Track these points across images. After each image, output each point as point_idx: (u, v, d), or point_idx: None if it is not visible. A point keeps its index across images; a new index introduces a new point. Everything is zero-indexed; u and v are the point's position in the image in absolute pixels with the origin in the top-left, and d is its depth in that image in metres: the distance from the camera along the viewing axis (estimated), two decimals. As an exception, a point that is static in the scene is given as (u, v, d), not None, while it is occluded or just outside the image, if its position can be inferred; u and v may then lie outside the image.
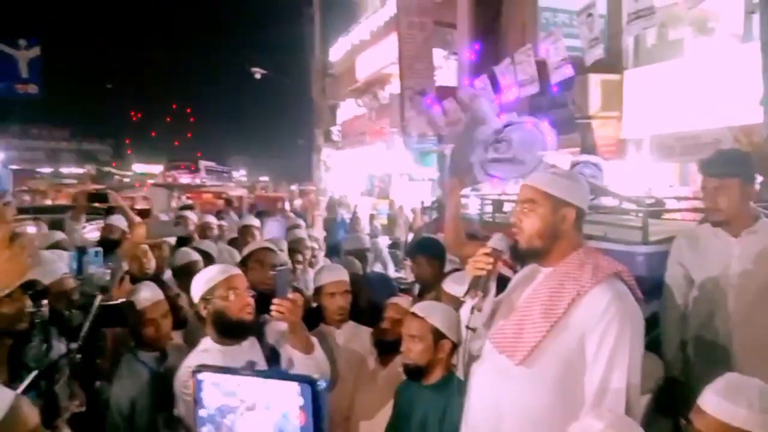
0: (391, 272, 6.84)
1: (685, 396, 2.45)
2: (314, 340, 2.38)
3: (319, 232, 9.83)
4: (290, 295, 2.23)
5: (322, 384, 1.39)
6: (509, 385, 1.99)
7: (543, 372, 1.94)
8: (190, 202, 15.93)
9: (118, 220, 5.03)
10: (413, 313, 2.61)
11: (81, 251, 2.46)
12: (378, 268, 6.64)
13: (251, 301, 2.45)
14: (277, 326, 2.49)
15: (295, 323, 2.28)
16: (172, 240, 4.47)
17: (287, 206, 16.82)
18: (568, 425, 1.89)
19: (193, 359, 2.39)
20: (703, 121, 7.53)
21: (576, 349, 1.92)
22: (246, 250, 3.86)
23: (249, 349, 2.44)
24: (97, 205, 7.53)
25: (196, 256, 4.09)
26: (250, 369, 1.49)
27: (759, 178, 3.10)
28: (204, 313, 2.45)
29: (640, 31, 6.12)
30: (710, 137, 7.24)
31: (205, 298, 2.44)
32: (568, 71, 7.18)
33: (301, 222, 7.06)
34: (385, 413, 2.76)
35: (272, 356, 2.43)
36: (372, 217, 14.21)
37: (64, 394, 1.86)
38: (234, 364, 2.29)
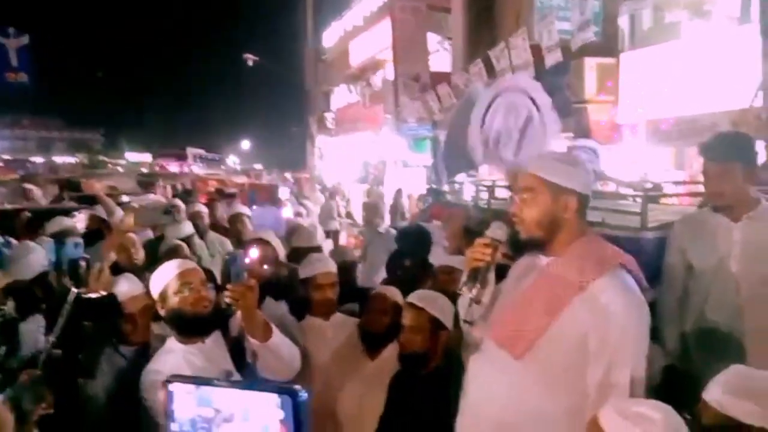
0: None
1: (686, 384, 2.39)
2: (274, 327, 2.27)
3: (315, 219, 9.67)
4: (244, 280, 2.15)
5: (303, 395, 1.30)
6: (509, 378, 1.92)
7: (543, 366, 1.86)
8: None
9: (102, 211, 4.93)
10: (412, 304, 2.56)
11: (59, 242, 2.36)
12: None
13: (208, 294, 2.34)
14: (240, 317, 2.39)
15: (248, 309, 2.16)
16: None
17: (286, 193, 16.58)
18: (572, 420, 1.82)
19: (156, 362, 2.31)
20: (700, 105, 7.45)
21: (578, 343, 1.84)
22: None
23: (212, 345, 2.34)
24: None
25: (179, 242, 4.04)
26: (225, 379, 1.40)
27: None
28: (162, 312, 2.36)
29: (633, 11, 6.02)
30: (707, 121, 7.16)
31: (161, 297, 2.35)
32: (559, 55, 7.10)
33: (302, 209, 6.98)
34: (376, 405, 2.70)
35: (236, 349, 2.32)
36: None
37: (28, 396, 1.76)
38: (197, 363, 2.24)
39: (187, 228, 4.75)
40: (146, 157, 52.24)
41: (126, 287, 2.65)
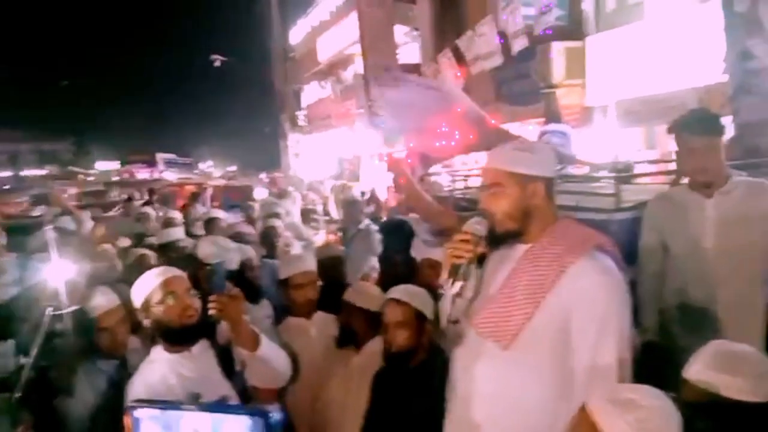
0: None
1: (665, 360, 2.41)
2: (262, 335, 2.22)
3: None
4: (227, 290, 2.11)
5: (276, 416, 1.26)
6: (496, 370, 1.91)
7: (530, 355, 1.85)
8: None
9: (67, 222, 4.83)
10: (395, 300, 2.54)
11: (23, 257, 2.29)
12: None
13: (194, 302, 2.27)
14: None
15: (235, 320, 2.12)
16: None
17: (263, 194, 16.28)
18: (561, 407, 1.81)
19: (142, 372, 2.25)
20: (668, 83, 7.53)
21: (562, 327, 1.83)
22: None
23: (200, 354, 2.28)
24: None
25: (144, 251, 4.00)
26: (193, 402, 1.35)
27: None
28: (146, 322, 2.28)
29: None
30: (675, 100, 7.24)
31: (144, 307, 2.26)
32: (525, 41, 7.11)
33: (279, 210, 6.79)
34: (361, 400, 2.68)
35: (224, 356, 2.27)
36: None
37: (5, 421, 1.71)
38: (184, 372, 2.18)
39: (178, 233, 4.67)
40: (116, 165, 51.40)
41: (102, 300, 2.58)
